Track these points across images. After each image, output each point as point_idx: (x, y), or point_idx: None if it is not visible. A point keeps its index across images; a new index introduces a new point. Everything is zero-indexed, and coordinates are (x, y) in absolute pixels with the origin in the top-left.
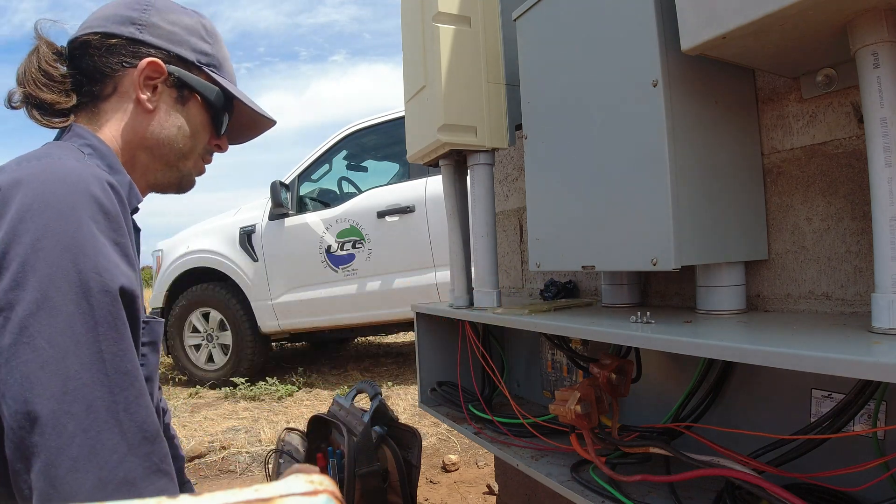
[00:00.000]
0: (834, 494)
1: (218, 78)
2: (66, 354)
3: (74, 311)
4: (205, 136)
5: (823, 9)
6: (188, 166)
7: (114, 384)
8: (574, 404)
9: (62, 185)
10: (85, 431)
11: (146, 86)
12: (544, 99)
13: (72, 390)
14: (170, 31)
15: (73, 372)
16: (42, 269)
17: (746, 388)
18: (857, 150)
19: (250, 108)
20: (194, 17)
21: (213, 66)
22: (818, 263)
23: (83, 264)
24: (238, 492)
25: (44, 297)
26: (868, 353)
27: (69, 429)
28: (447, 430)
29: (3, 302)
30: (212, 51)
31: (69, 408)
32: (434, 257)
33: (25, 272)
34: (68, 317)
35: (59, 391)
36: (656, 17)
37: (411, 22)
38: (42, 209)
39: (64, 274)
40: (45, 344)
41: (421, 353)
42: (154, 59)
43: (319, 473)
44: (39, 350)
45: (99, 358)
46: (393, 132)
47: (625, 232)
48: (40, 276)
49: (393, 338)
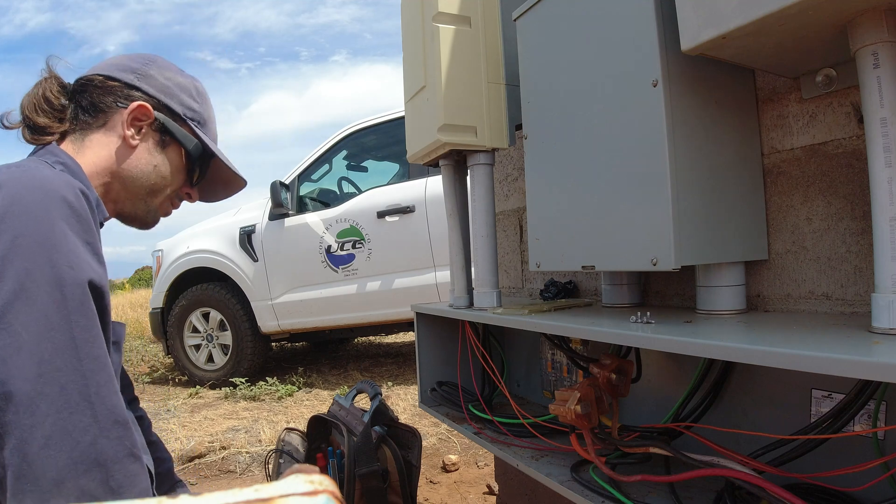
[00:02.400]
0: (834, 494)
1: (199, 132)
2: (40, 339)
3: (48, 300)
4: (178, 181)
5: (823, 9)
6: (155, 203)
7: (86, 368)
8: (574, 404)
9: (38, 189)
10: (58, 412)
11: (132, 124)
12: (544, 99)
13: (45, 373)
14: (164, 85)
15: (48, 356)
16: (19, 264)
17: (746, 388)
18: (857, 150)
19: (226, 165)
20: (188, 79)
21: (198, 121)
22: (818, 263)
23: (57, 259)
24: (238, 492)
25: (21, 288)
26: (868, 353)
27: (42, 408)
28: (447, 430)
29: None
30: (199, 109)
31: (43, 388)
32: (434, 257)
33: (4, 266)
34: (43, 305)
35: (33, 373)
36: (656, 17)
37: (411, 22)
38: (19, 211)
39: (39, 268)
40: (21, 329)
41: (421, 353)
42: (143, 104)
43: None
44: (15, 335)
45: (72, 343)
46: (393, 132)
47: (625, 232)
48: (17, 269)
49: (393, 338)
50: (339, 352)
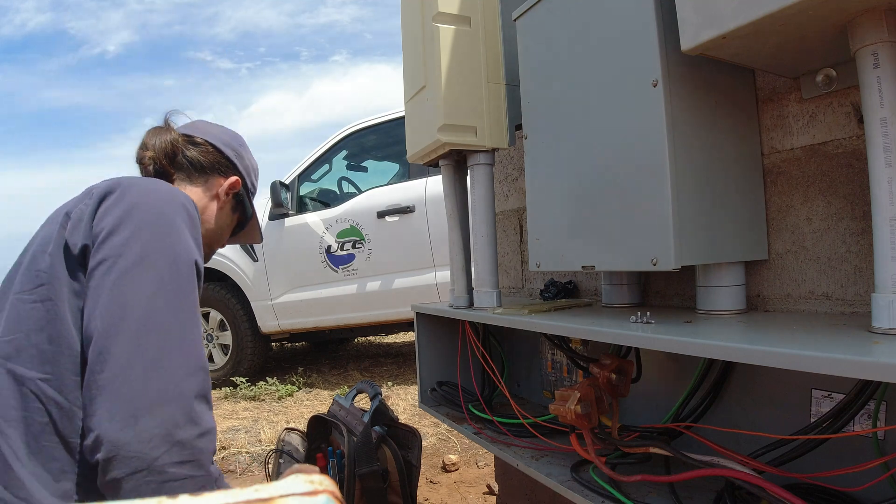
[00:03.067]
0: (834, 494)
1: (254, 206)
2: (154, 294)
3: (165, 269)
4: (228, 235)
5: (823, 9)
6: (213, 250)
7: (185, 323)
8: (574, 404)
9: (164, 192)
10: (159, 349)
11: (227, 192)
12: (544, 99)
13: (154, 318)
14: (247, 166)
15: (158, 307)
16: (144, 238)
17: (746, 388)
18: (857, 150)
19: (257, 226)
20: (254, 162)
21: (253, 195)
22: (818, 263)
23: (173, 241)
24: (238, 492)
25: (144, 255)
26: (868, 353)
27: (147, 343)
28: (447, 430)
29: (113, 253)
30: (256, 186)
31: (149, 328)
32: (434, 257)
33: (132, 238)
34: (160, 271)
35: (143, 316)
36: (656, 17)
37: (411, 22)
38: (149, 203)
39: (160, 244)
40: (140, 285)
41: (421, 353)
42: (238, 180)
43: (319, 473)
44: (136, 287)
45: (176, 301)
46: (393, 132)
47: (625, 232)
48: (143, 242)
49: (393, 338)
50: (339, 352)
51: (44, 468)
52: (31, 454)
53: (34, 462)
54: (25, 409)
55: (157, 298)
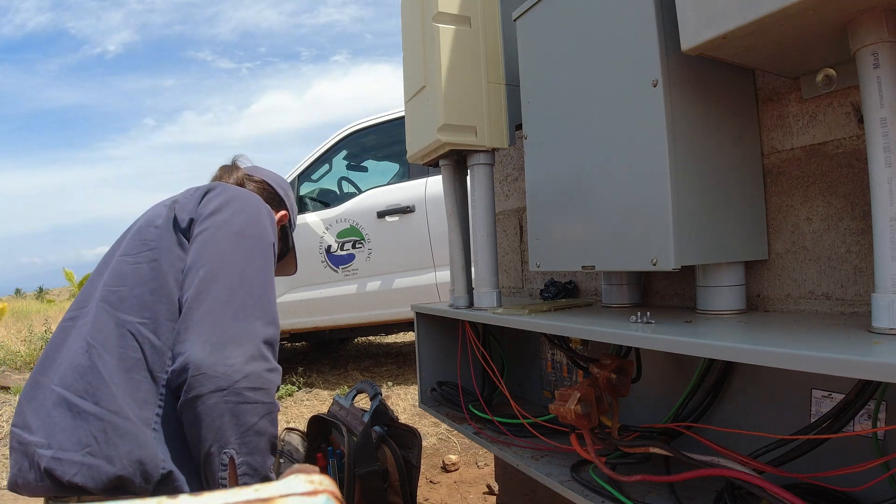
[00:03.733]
0: (834, 494)
1: (294, 241)
2: (249, 257)
3: (257, 242)
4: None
5: (823, 9)
6: None
7: (266, 285)
8: (574, 404)
9: (255, 196)
10: (246, 300)
11: (278, 224)
12: (544, 99)
13: (246, 275)
14: (291, 205)
15: (249, 267)
16: (242, 218)
17: (746, 388)
18: (857, 150)
19: (294, 257)
20: (293, 199)
21: (292, 227)
22: (818, 263)
23: (263, 226)
24: (238, 492)
25: (242, 229)
26: (868, 353)
27: (239, 293)
28: (447, 430)
29: (218, 223)
30: (294, 221)
31: (242, 282)
32: (434, 257)
33: (234, 216)
34: (253, 242)
35: (239, 272)
36: (656, 17)
37: (411, 22)
38: (245, 198)
39: (254, 224)
40: (239, 248)
41: (421, 353)
42: (287, 213)
43: (319, 473)
44: (236, 249)
45: (264, 269)
46: (393, 132)
47: (625, 232)
48: (241, 220)
49: (393, 338)
50: (339, 352)
51: (132, 396)
52: (124, 381)
53: (125, 389)
54: (123, 345)
55: (251, 261)
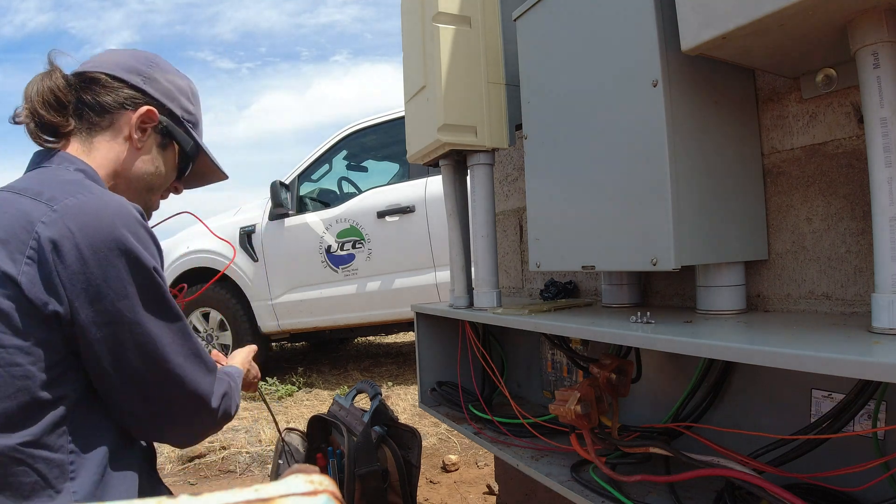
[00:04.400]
0: (834, 494)
1: (194, 134)
2: (143, 350)
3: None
4: (171, 177)
5: (823, 9)
6: (152, 199)
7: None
8: (574, 404)
9: (103, 237)
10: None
11: (140, 128)
12: (544, 99)
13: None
14: (167, 88)
15: (151, 363)
16: (111, 301)
17: (746, 388)
18: (857, 150)
19: (212, 162)
20: (185, 81)
21: (192, 123)
22: (818, 263)
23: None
24: (238, 492)
25: (133, 316)
26: (868, 353)
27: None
28: (447, 430)
29: (100, 320)
30: (194, 111)
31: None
32: (434, 257)
33: (107, 305)
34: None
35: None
36: (656, 17)
37: (411, 22)
38: (97, 261)
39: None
40: (131, 346)
41: (421, 353)
42: (152, 108)
43: (319, 473)
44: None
45: (164, 346)
46: (393, 132)
47: (625, 232)
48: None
49: (393, 338)
50: (339, 352)
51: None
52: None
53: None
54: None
55: (147, 357)
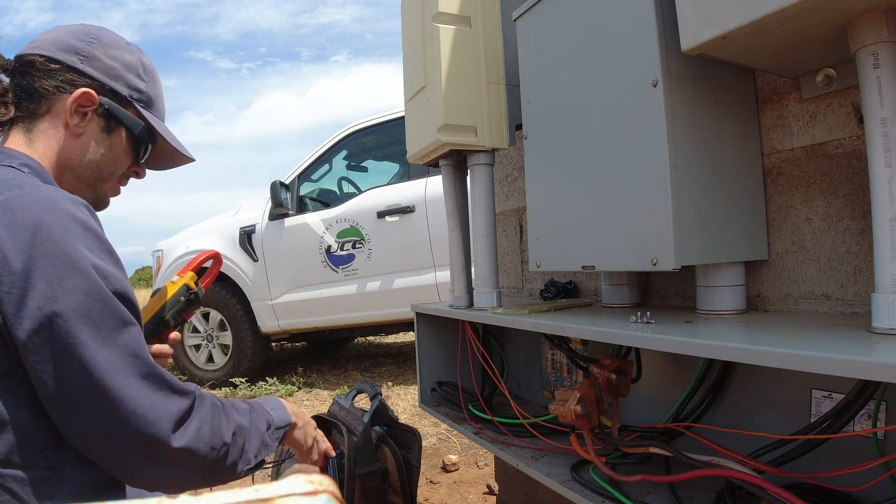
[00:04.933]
0: (834, 494)
1: (146, 114)
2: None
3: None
4: (125, 162)
5: (823, 9)
6: (105, 188)
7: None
8: (574, 404)
9: (49, 250)
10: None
11: (77, 112)
12: (544, 99)
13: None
14: (109, 66)
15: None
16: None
17: (746, 388)
18: (857, 150)
19: (169, 144)
20: (135, 55)
21: (144, 102)
22: (818, 263)
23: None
24: (238, 492)
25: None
26: (868, 353)
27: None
28: (447, 430)
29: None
30: (145, 88)
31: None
32: (434, 257)
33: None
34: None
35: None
36: (656, 17)
37: (411, 22)
38: (48, 282)
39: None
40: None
41: (421, 353)
42: (88, 90)
43: (319, 473)
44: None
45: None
46: (393, 132)
47: (625, 232)
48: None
49: (393, 338)
50: (339, 352)
51: None
52: None
53: None
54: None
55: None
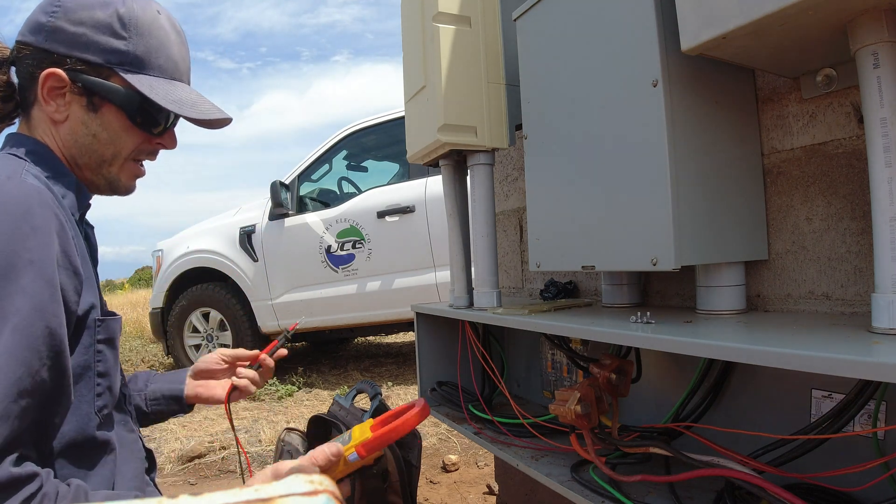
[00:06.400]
0: (834, 494)
1: (131, 77)
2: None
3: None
4: (130, 140)
5: (823, 9)
6: (113, 172)
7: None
8: (574, 404)
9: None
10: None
11: (52, 96)
12: (544, 99)
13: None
14: (74, 34)
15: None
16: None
17: (746, 388)
18: (857, 150)
19: (171, 108)
20: (109, 10)
21: (128, 63)
22: (818, 263)
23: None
24: (238, 492)
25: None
26: (868, 353)
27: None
28: (447, 430)
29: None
30: (126, 47)
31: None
32: (434, 257)
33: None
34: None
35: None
36: (656, 17)
37: (411, 22)
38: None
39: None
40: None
41: (421, 353)
42: (52, 71)
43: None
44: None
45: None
46: (393, 132)
47: (625, 232)
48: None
49: (393, 338)
50: (339, 352)
51: None
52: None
53: None
54: None
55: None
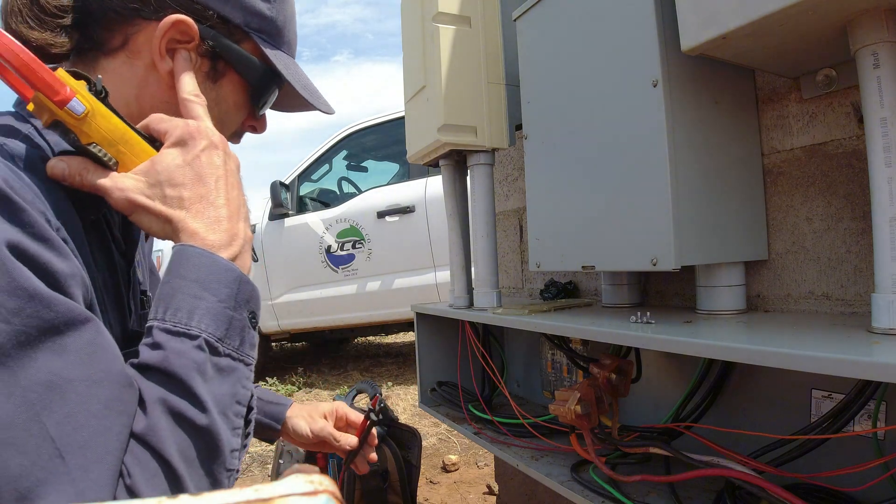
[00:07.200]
0: (834, 494)
1: (270, 52)
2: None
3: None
4: (237, 118)
5: (823, 9)
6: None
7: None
8: (574, 404)
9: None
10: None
11: (167, 50)
12: (544, 99)
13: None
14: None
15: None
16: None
17: (746, 388)
18: (857, 150)
19: (303, 95)
20: None
21: (266, 32)
22: (818, 263)
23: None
24: (238, 492)
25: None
26: (868, 353)
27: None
28: (447, 430)
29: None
30: (270, 12)
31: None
32: (434, 257)
33: None
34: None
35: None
36: (656, 17)
37: (411, 22)
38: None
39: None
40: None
41: (421, 353)
42: (183, 18)
43: (319, 473)
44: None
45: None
46: (393, 132)
47: (625, 232)
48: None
49: (393, 338)
50: (339, 352)
51: None
52: None
53: None
54: None
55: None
